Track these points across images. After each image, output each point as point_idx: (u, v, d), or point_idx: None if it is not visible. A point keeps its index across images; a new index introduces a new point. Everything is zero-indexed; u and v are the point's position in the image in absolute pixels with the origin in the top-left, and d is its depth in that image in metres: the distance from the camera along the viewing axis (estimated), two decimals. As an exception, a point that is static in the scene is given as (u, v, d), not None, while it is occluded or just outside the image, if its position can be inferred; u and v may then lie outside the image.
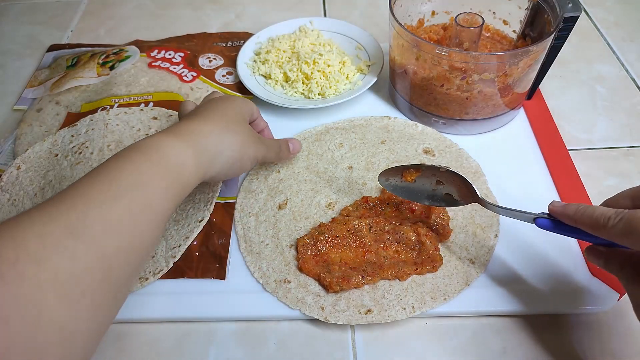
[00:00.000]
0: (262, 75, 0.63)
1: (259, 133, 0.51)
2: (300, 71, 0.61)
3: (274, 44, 0.65)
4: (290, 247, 0.46)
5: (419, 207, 0.48)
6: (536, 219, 0.37)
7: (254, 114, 0.48)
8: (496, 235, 0.47)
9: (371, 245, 0.45)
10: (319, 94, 0.60)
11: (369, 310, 0.42)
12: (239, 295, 0.44)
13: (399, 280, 0.43)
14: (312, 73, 0.60)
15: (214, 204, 0.48)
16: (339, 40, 0.68)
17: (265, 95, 0.59)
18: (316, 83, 0.60)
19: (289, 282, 0.44)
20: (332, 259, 0.44)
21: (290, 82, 0.61)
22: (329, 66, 0.61)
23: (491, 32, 0.62)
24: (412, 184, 0.45)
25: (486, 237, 0.46)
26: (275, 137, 0.53)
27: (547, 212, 0.36)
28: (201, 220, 0.47)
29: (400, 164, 0.47)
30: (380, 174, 0.45)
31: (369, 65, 0.64)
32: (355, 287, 0.42)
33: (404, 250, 0.45)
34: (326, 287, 0.42)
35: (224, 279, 0.45)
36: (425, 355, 0.41)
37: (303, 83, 0.61)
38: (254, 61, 0.65)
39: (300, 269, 0.44)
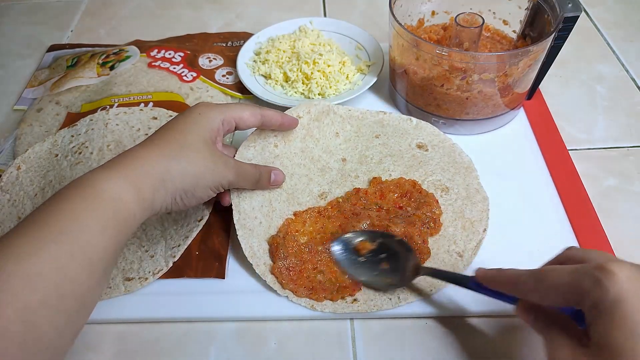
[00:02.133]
0: (262, 75, 0.63)
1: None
2: (300, 71, 0.61)
3: (274, 44, 0.65)
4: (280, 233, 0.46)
5: (407, 202, 0.48)
6: (468, 283, 0.38)
7: (220, 129, 0.43)
8: (485, 230, 0.47)
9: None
10: (319, 94, 0.60)
11: (355, 300, 0.42)
12: (239, 294, 0.44)
13: None
14: (312, 73, 0.60)
15: (213, 202, 0.48)
16: (339, 40, 0.67)
17: (266, 95, 0.59)
18: (316, 83, 0.60)
19: None
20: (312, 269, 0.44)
21: (290, 82, 0.61)
22: (328, 66, 0.61)
23: (491, 32, 0.62)
24: (361, 260, 0.44)
25: (475, 231, 0.47)
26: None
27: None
28: (200, 220, 0.47)
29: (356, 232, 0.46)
30: (335, 240, 0.45)
31: (369, 66, 0.64)
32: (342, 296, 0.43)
33: None
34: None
35: (224, 278, 0.45)
36: (425, 355, 0.41)
37: (303, 83, 0.61)
38: (254, 61, 0.65)
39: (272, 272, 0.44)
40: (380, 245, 0.44)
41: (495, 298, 0.37)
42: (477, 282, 0.37)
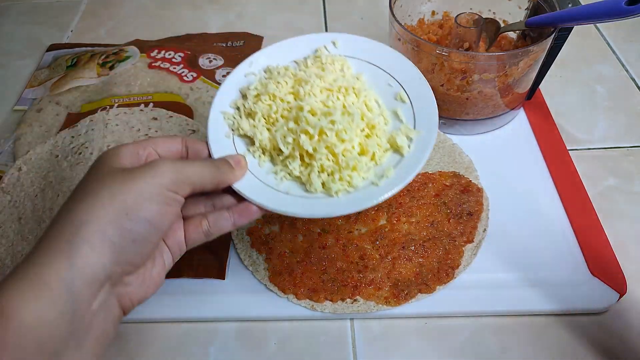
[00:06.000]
0: (242, 136, 0.40)
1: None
2: (298, 144, 0.37)
3: (268, 84, 0.40)
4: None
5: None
6: None
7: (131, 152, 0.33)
8: (485, 230, 0.47)
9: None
10: (321, 186, 0.37)
11: (355, 300, 0.42)
12: (239, 295, 0.44)
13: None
14: (315, 150, 0.37)
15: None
16: (373, 78, 0.42)
17: (244, 180, 0.36)
18: (320, 168, 0.37)
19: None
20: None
21: (282, 157, 0.38)
22: (342, 141, 0.37)
23: (491, 32, 0.62)
24: None
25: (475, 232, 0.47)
26: None
27: None
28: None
29: None
30: None
31: (412, 138, 0.38)
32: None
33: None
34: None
35: (224, 279, 0.45)
36: (425, 355, 0.41)
37: (302, 163, 0.38)
38: (237, 108, 0.41)
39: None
40: None
41: None
42: None
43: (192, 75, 0.63)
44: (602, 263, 0.45)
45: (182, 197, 0.32)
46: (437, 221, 0.47)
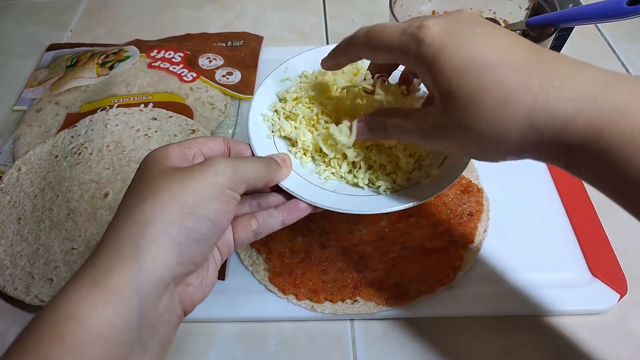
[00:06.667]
0: (284, 137, 0.41)
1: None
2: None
3: (308, 87, 0.41)
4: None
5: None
6: None
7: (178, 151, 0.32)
8: (485, 230, 0.47)
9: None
10: (368, 182, 0.38)
11: (355, 301, 0.42)
12: (239, 295, 0.44)
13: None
14: (391, 148, 0.38)
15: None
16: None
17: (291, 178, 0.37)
18: (367, 167, 0.38)
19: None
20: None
21: (327, 158, 0.39)
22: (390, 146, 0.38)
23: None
24: None
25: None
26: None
27: None
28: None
29: None
30: None
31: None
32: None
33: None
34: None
35: (224, 279, 0.45)
36: (425, 356, 0.41)
37: (348, 164, 0.39)
38: (275, 111, 0.42)
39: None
40: None
41: None
42: None
43: (191, 75, 0.63)
44: (602, 263, 0.45)
45: (238, 195, 0.31)
46: (437, 221, 0.47)
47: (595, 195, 0.51)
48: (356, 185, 0.38)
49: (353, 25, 0.76)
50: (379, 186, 0.37)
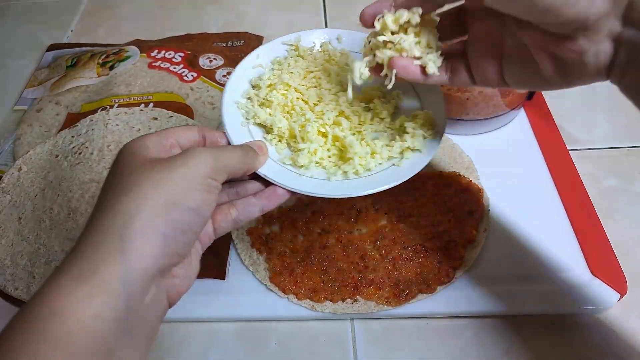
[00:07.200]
0: (259, 125, 0.40)
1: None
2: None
3: (281, 74, 0.41)
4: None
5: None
6: None
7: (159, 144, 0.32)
8: (485, 230, 0.47)
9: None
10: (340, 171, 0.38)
11: (355, 300, 0.42)
12: (239, 295, 0.44)
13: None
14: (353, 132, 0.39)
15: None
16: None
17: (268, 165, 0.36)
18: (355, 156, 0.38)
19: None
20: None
21: (295, 142, 0.39)
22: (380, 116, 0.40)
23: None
24: None
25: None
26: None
27: None
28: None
29: None
30: None
31: (423, 123, 0.38)
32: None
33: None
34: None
35: (224, 279, 0.45)
36: (426, 356, 0.41)
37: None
38: (248, 98, 0.41)
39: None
40: None
41: None
42: None
43: (192, 75, 0.63)
44: (602, 263, 0.45)
45: (219, 184, 0.31)
46: (437, 221, 0.47)
47: (595, 195, 0.51)
48: (333, 172, 0.38)
49: (353, 25, 0.76)
50: (356, 169, 0.37)
